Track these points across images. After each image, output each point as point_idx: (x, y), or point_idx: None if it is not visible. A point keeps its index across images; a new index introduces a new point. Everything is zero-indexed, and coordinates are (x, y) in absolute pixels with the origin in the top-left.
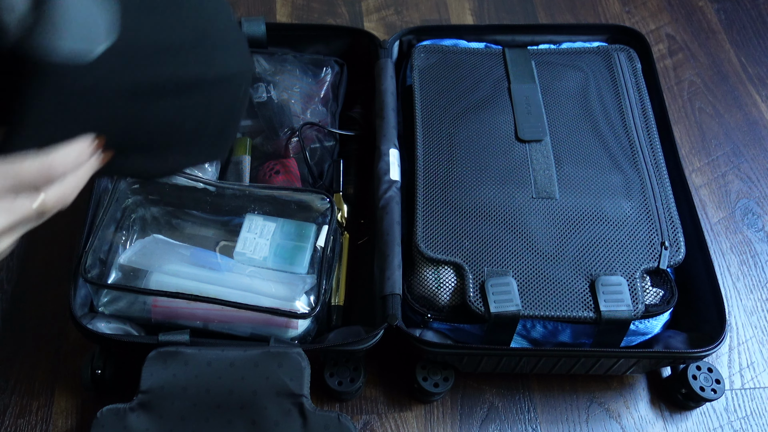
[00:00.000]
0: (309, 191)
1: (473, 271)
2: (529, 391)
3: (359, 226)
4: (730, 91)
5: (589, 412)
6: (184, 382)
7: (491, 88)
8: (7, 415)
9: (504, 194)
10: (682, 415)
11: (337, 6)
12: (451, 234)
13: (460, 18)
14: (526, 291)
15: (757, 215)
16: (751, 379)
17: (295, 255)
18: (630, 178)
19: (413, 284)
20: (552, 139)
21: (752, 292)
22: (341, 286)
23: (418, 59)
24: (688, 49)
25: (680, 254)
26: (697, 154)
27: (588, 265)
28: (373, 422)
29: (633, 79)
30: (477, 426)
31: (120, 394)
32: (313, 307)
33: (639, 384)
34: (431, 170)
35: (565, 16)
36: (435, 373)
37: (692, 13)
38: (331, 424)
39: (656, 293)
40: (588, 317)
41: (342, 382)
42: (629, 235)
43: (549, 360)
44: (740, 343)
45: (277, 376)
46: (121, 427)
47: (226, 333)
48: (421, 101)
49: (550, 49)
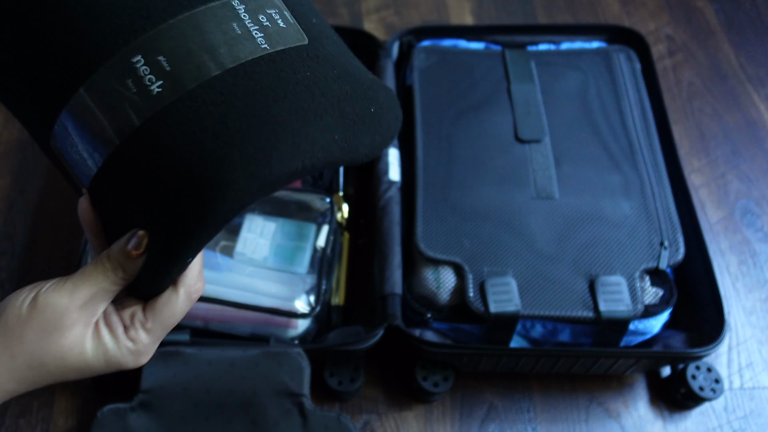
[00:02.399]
0: (309, 191)
1: (473, 271)
2: (529, 391)
3: (359, 226)
4: (730, 91)
5: (588, 411)
6: (184, 382)
7: (491, 88)
8: (7, 415)
9: (504, 194)
10: (682, 414)
11: (337, 6)
12: (451, 234)
13: (460, 18)
14: (525, 291)
15: (756, 215)
16: (750, 379)
17: (295, 255)
18: (629, 178)
19: (413, 284)
20: (551, 140)
21: (751, 291)
22: (341, 286)
23: (417, 60)
24: (687, 49)
25: (679, 254)
26: (697, 154)
27: (587, 265)
28: (373, 422)
29: (632, 79)
30: (477, 426)
31: (120, 393)
32: (313, 307)
33: (638, 384)
34: (431, 170)
35: (564, 17)
36: (435, 373)
37: (691, 13)
38: (331, 424)
39: (655, 293)
40: (587, 317)
41: (342, 381)
42: (628, 235)
43: (548, 360)
44: (739, 343)
45: (277, 375)
46: (122, 426)
47: (226, 333)
48: (421, 101)
49: (549, 50)
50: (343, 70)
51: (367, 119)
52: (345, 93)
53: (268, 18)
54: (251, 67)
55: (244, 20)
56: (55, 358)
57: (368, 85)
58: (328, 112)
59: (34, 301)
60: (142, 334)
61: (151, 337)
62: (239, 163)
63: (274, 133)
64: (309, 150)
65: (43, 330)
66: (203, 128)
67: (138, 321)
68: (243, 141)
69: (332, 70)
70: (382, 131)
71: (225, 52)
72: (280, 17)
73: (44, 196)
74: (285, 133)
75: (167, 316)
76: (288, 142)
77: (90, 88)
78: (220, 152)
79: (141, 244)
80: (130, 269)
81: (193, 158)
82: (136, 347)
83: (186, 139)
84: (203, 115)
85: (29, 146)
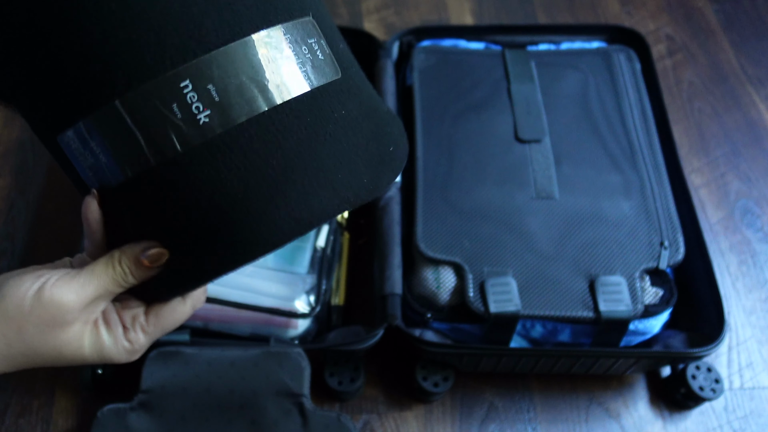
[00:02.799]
0: None
1: (473, 271)
2: (529, 391)
3: (359, 226)
4: (730, 91)
5: (588, 411)
6: (184, 382)
7: (491, 88)
8: (7, 415)
9: (504, 194)
10: (682, 414)
11: (337, 6)
12: (451, 234)
13: (460, 18)
14: (525, 291)
15: (756, 215)
16: (750, 379)
17: (295, 255)
18: (629, 178)
19: (413, 284)
20: (551, 140)
21: (751, 291)
22: (341, 286)
23: (417, 60)
24: (687, 49)
25: (679, 254)
26: (697, 155)
27: (587, 265)
28: (373, 422)
29: (632, 79)
30: (477, 426)
31: (120, 393)
32: (313, 307)
33: (638, 384)
34: (431, 170)
35: (564, 17)
36: (435, 373)
37: (691, 13)
38: (331, 424)
39: (655, 293)
40: (587, 317)
41: (342, 381)
42: (628, 235)
43: (548, 360)
44: (739, 343)
45: (277, 375)
46: (122, 426)
47: (226, 333)
48: (421, 102)
49: (549, 50)
50: (368, 105)
51: (387, 158)
52: (372, 133)
53: (309, 49)
54: (296, 105)
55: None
56: (52, 350)
57: (386, 120)
58: (360, 156)
59: (39, 293)
60: (141, 336)
61: (147, 340)
62: (282, 206)
63: (315, 178)
64: (344, 194)
65: (45, 324)
66: (249, 166)
67: (139, 324)
68: (287, 184)
69: (360, 106)
70: (395, 168)
71: (273, 87)
72: (319, 48)
73: (44, 196)
74: (325, 179)
75: (170, 322)
76: (327, 188)
77: (128, 103)
78: (265, 193)
79: (158, 260)
80: (140, 277)
81: (237, 195)
82: (132, 347)
83: (230, 175)
84: (249, 153)
85: (29, 146)
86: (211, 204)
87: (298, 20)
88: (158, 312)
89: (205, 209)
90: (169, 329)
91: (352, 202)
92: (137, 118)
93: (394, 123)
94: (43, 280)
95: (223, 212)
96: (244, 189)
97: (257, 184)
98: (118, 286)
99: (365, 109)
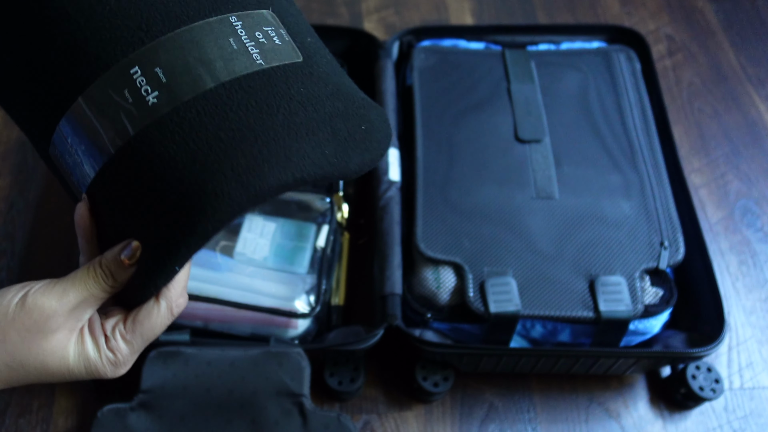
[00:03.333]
0: (309, 191)
1: (473, 271)
2: (529, 391)
3: (359, 226)
4: (729, 91)
5: (588, 411)
6: (184, 382)
7: (491, 88)
8: (7, 415)
9: (504, 194)
10: (682, 414)
11: (337, 6)
12: (451, 234)
13: (460, 18)
14: (525, 291)
15: (756, 215)
16: (750, 379)
17: (295, 255)
18: (629, 178)
19: (413, 284)
20: (551, 140)
21: (751, 291)
22: (341, 286)
23: (417, 60)
24: (687, 49)
25: (679, 254)
26: (697, 155)
27: (587, 265)
28: (373, 422)
29: (632, 79)
30: (477, 426)
31: (120, 393)
32: (313, 307)
33: (638, 384)
34: (431, 170)
35: (564, 17)
36: (435, 373)
37: (691, 13)
38: (331, 424)
39: (655, 293)
40: (587, 317)
41: (342, 381)
42: (628, 235)
43: (548, 360)
44: (739, 343)
45: (277, 375)
46: (122, 426)
47: (226, 333)
48: (421, 102)
49: (549, 50)
50: (336, 88)
51: (358, 136)
52: (337, 110)
53: (264, 35)
54: (246, 81)
55: (241, 36)
56: (36, 360)
57: (360, 103)
58: (320, 128)
59: (22, 300)
60: (122, 345)
61: (130, 349)
62: (231, 175)
63: (266, 146)
64: (300, 164)
65: (28, 331)
66: (196, 139)
67: (118, 332)
68: (235, 153)
69: (325, 87)
70: (372, 149)
71: (221, 66)
72: (276, 35)
73: (44, 196)
74: (277, 147)
75: (147, 328)
76: (280, 156)
77: (88, 97)
78: (212, 163)
79: (134, 255)
80: (121, 278)
81: (186, 168)
82: (116, 358)
83: (179, 150)
84: (197, 127)
85: (29, 146)
86: (165, 183)
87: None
88: (135, 317)
89: (161, 190)
90: (149, 336)
91: (311, 172)
92: (96, 110)
93: (371, 108)
94: (27, 289)
95: (177, 190)
96: (192, 162)
97: (205, 156)
98: (101, 290)
99: (332, 91)
